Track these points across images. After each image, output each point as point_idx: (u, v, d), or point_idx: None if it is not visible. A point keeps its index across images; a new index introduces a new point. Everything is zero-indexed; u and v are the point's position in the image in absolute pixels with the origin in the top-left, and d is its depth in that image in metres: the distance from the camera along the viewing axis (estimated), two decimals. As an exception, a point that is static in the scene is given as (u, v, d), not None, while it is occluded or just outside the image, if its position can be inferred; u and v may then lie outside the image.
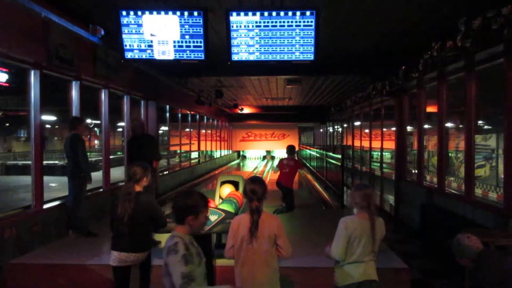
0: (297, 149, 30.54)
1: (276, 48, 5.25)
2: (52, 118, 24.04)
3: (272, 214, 3.40)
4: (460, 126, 7.02)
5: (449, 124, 7.35)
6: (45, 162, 6.00)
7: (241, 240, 3.19)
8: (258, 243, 3.16)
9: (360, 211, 3.33)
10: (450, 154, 7.44)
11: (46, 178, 5.91)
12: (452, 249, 3.20)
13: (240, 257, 3.21)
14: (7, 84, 4.32)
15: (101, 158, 8.13)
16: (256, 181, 3.31)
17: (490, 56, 5.44)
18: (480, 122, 6.41)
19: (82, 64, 6.52)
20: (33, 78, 5.56)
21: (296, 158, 10.09)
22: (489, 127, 9.90)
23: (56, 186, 13.07)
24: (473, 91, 5.95)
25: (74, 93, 6.65)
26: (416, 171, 8.53)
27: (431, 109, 8.02)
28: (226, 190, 6.27)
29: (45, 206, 5.88)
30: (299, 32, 5.15)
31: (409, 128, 9.29)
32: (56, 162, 23.53)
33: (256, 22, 5.15)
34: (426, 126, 8.32)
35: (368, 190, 3.39)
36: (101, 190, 7.51)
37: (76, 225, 6.11)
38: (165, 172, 12.15)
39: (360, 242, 3.27)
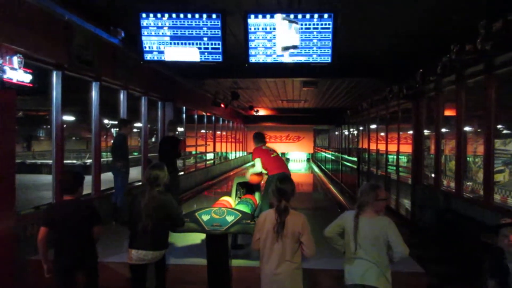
0: (312, 151, 30.48)
1: (293, 51, 5.27)
2: (71, 118, 24.40)
3: (297, 212, 3.39)
4: (479, 130, 6.92)
5: (467, 128, 7.24)
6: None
7: (266, 235, 3.24)
8: (283, 240, 3.20)
9: (366, 209, 3.33)
10: (468, 159, 7.33)
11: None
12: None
13: (265, 253, 3.28)
14: (31, 85, 4.41)
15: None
16: (284, 180, 3.36)
17: (511, 59, 5.36)
18: (499, 126, 6.30)
19: (102, 65, 6.64)
20: (55, 79, 5.69)
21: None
22: (509, 131, 9.72)
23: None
24: (492, 95, 5.87)
25: (94, 93, 6.79)
26: (433, 175, 8.43)
27: (449, 112, 7.92)
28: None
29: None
30: (317, 35, 5.16)
31: (426, 132, 9.18)
32: (74, 161, 23.90)
33: (274, 25, 5.18)
34: (443, 130, 8.22)
35: (376, 192, 3.38)
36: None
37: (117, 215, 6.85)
38: (180, 173, 12.24)
39: (355, 239, 3.27)
